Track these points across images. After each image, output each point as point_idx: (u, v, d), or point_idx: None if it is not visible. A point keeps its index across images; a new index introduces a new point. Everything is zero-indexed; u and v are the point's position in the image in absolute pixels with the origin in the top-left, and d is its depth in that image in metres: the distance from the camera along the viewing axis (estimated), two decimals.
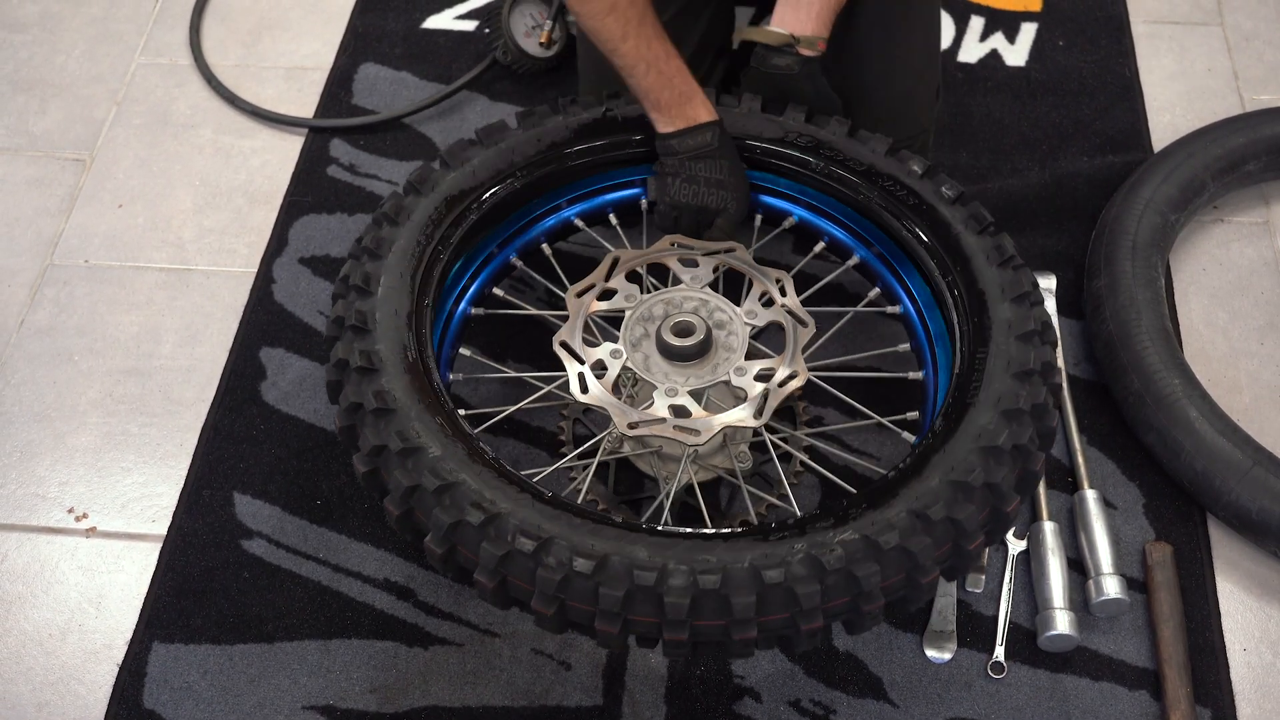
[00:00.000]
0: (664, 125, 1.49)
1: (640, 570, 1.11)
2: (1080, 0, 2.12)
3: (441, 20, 2.16)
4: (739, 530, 1.16)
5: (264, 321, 1.75)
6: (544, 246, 1.58)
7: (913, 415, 1.42)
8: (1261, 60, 2.04)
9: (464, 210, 1.46)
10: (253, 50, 2.14)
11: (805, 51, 1.51)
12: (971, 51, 2.06)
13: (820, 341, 1.50)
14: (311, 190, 1.91)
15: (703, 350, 1.35)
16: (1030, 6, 2.12)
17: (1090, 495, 1.49)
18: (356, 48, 2.12)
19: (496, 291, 1.54)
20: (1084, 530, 1.48)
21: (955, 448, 1.20)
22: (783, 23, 1.51)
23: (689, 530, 1.17)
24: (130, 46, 2.16)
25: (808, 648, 1.20)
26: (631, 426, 1.29)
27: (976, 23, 2.10)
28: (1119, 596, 1.41)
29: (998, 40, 2.07)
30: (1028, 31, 2.08)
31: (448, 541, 1.17)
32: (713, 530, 1.16)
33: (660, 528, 1.17)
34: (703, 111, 1.49)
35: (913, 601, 1.19)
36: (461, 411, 1.46)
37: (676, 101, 1.48)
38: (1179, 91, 1.99)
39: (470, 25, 2.14)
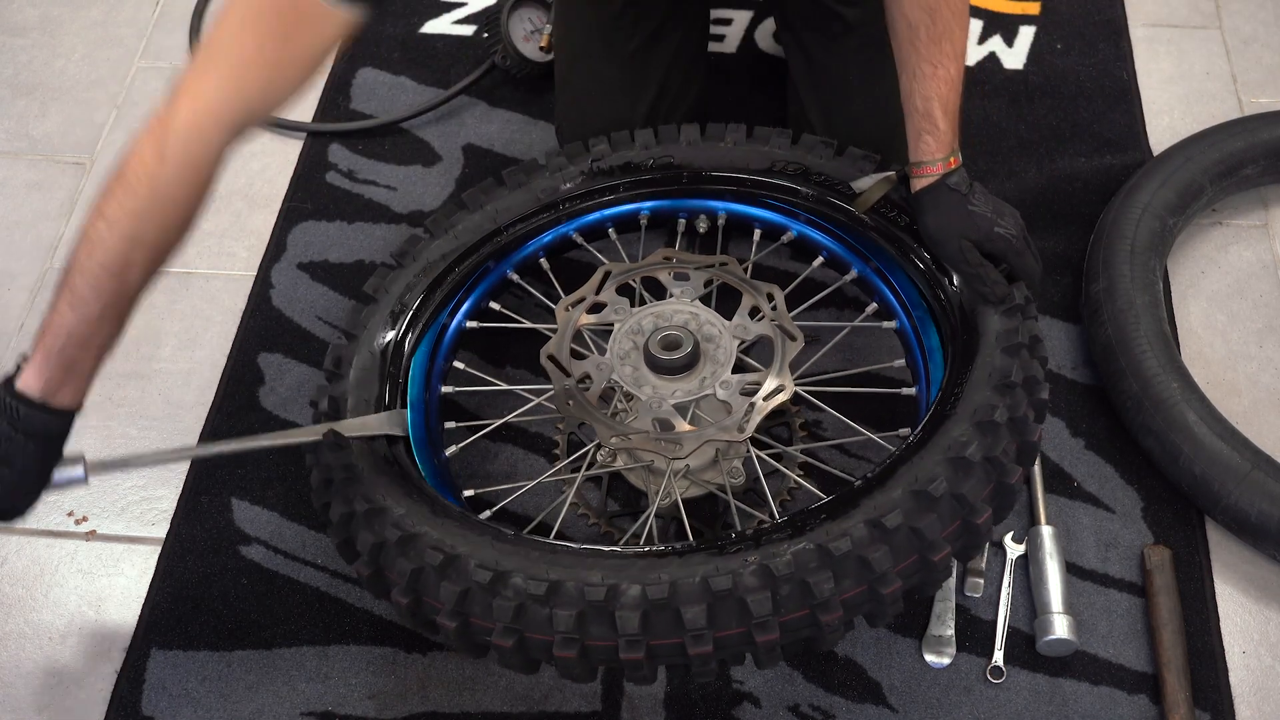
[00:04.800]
0: None
1: (591, 588, 1.11)
2: (1078, 3, 2.12)
3: (440, 25, 2.16)
4: (695, 546, 1.16)
5: (262, 327, 1.75)
6: (542, 261, 1.59)
7: (904, 431, 1.42)
8: (1260, 63, 2.04)
9: (443, 273, 1.52)
10: None
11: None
12: (969, 55, 2.05)
13: (816, 357, 1.50)
14: (310, 196, 1.91)
15: (690, 364, 1.35)
16: (1028, 10, 2.12)
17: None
18: (354, 52, 2.12)
19: (493, 305, 1.56)
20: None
21: (924, 459, 1.19)
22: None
23: (645, 550, 1.18)
24: (130, 50, 2.16)
25: (770, 665, 1.20)
26: (615, 438, 1.30)
27: (974, 25, 2.10)
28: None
29: (995, 43, 2.07)
30: (1026, 34, 2.08)
31: (412, 591, 1.18)
32: (666, 547, 1.17)
33: (616, 550, 1.18)
34: None
35: (879, 616, 1.18)
36: (452, 424, 1.49)
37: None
38: (1177, 95, 1.99)
39: (469, 30, 2.14)
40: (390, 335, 1.47)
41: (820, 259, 1.58)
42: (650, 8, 1.67)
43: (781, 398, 1.33)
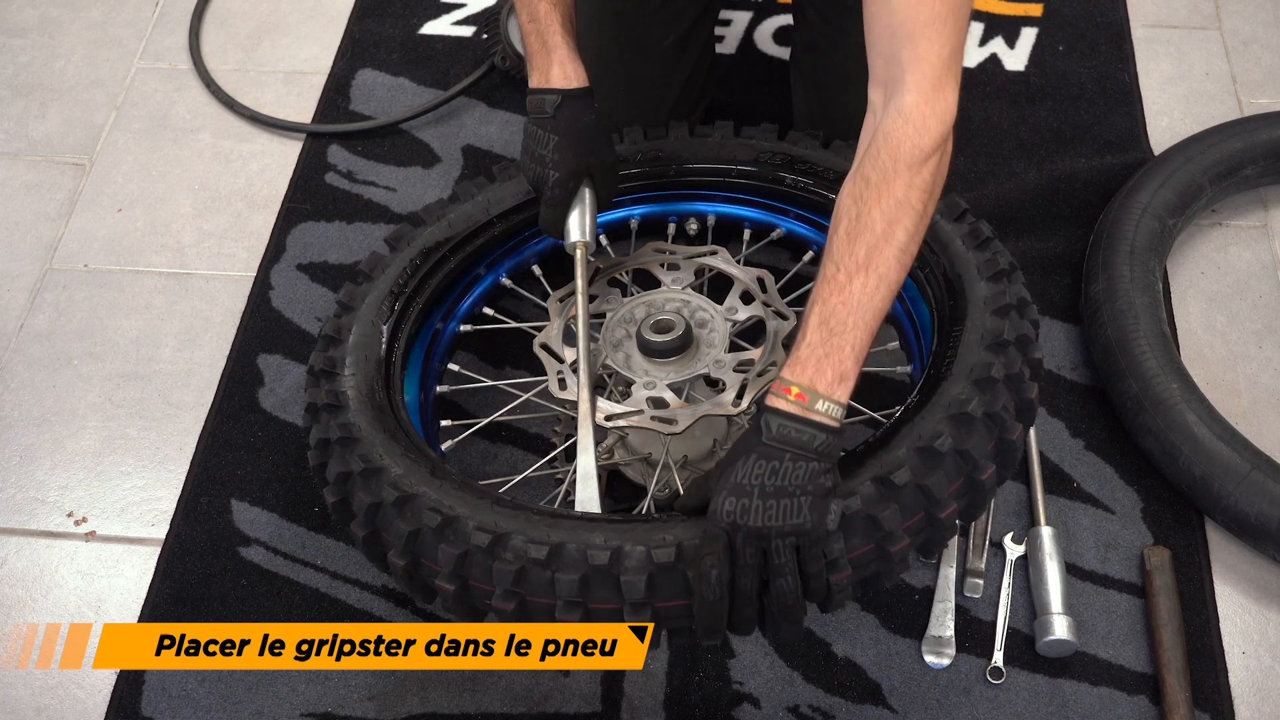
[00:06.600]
0: (530, 78, 1.40)
1: (594, 551, 1.10)
2: (1081, 5, 2.12)
3: (439, 26, 2.16)
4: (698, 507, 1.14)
5: (261, 328, 1.75)
6: (534, 268, 1.60)
7: (900, 409, 1.42)
8: (1259, 64, 2.04)
9: (438, 261, 1.50)
10: (251, 55, 2.14)
11: (825, 419, 1.08)
12: (970, 56, 2.06)
13: None
14: (309, 197, 1.91)
15: (683, 346, 1.36)
16: (1030, 11, 2.12)
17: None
18: (354, 53, 2.12)
19: (487, 311, 1.57)
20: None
21: (925, 418, 1.18)
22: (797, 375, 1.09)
23: (647, 515, 1.17)
24: (130, 51, 2.16)
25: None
26: (609, 419, 1.30)
27: (976, 27, 2.10)
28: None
29: (997, 44, 2.07)
30: (1028, 36, 2.08)
31: (409, 553, 1.18)
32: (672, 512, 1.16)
33: (619, 517, 1.17)
34: (555, 74, 1.37)
35: (886, 575, 1.16)
36: (447, 421, 1.49)
37: (540, 53, 1.38)
38: (1177, 95, 1.99)
39: (468, 31, 2.14)
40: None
41: (810, 253, 1.58)
42: (688, 3, 1.66)
43: (775, 373, 1.33)
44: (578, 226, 1.40)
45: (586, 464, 1.25)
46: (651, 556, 1.09)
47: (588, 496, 1.23)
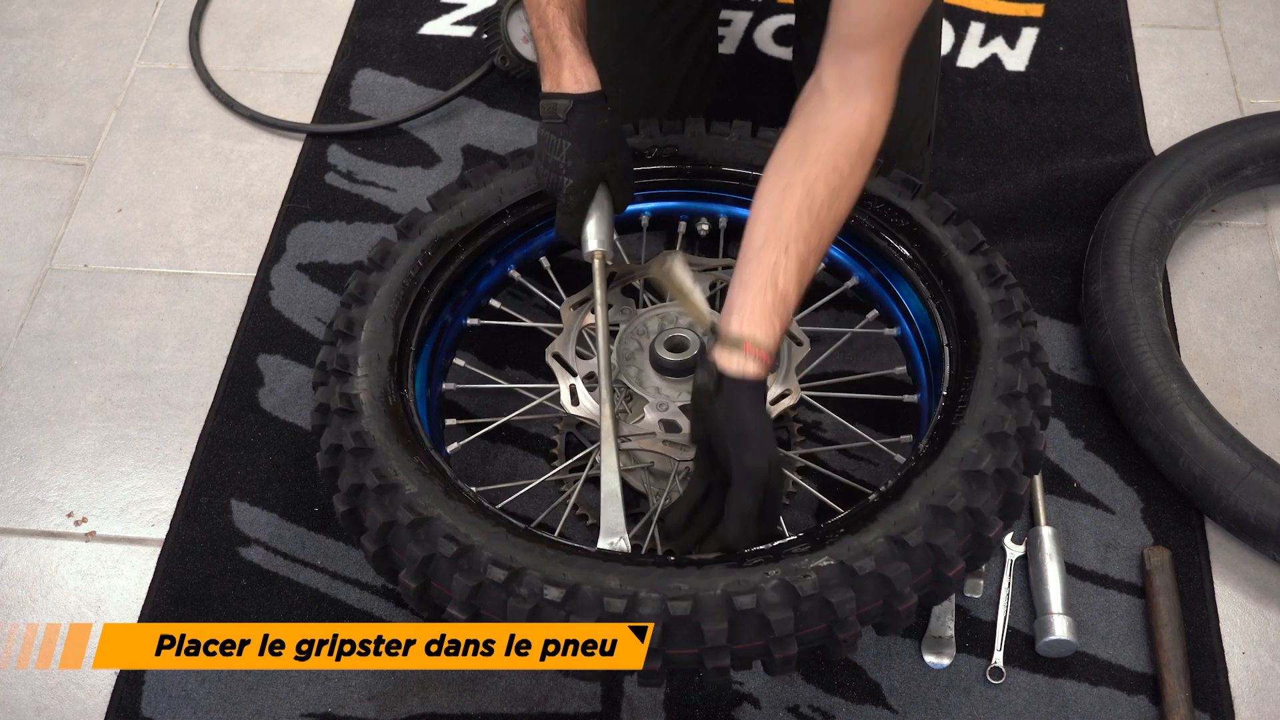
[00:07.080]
0: (542, 83, 1.39)
1: (611, 598, 1.10)
2: (1081, 5, 2.12)
3: (439, 26, 2.16)
4: (712, 557, 1.15)
5: (261, 328, 1.75)
6: (542, 260, 1.58)
7: (906, 438, 1.42)
8: (1259, 64, 2.04)
9: (451, 253, 1.47)
10: (251, 55, 2.14)
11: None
12: (971, 56, 2.06)
13: (817, 361, 1.50)
14: (309, 197, 1.91)
15: (696, 365, 1.35)
16: (1031, 12, 2.12)
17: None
18: (354, 53, 2.12)
19: (493, 303, 1.55)
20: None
21: (937, 471, 1.19)
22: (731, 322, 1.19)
23: (662, 558, 1.17)
24: (130, 51, 2.16)
25: (782, 673, 1.19)
26: (622, 440, 1.29)
27: (976, 28, 2.10)
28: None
29: (998, 45, 2.07)
30: (1028, 36, 2.08)
31: (422, 576, 1.17)
32: (686, 557, 1.16)
33: (634, 556, 1.17)
34: (566, 79, 1.36)
35: (891, 628, 1.19)
36: (453, 421, 1.47)
37: (551, 57, 1.37)
38: (1177, 95, 1.99)
39: (468, 31, 2.14)
40: None
41: (821, 265, 1.57)
42: (685, 6, 1.66)
43: (788, 403, 1.32)
44: (595, 236, 1.38)
45: (611, 484, 1.24)
46: (668, 608, 1.10)
47: (613, 518, 1.23)
